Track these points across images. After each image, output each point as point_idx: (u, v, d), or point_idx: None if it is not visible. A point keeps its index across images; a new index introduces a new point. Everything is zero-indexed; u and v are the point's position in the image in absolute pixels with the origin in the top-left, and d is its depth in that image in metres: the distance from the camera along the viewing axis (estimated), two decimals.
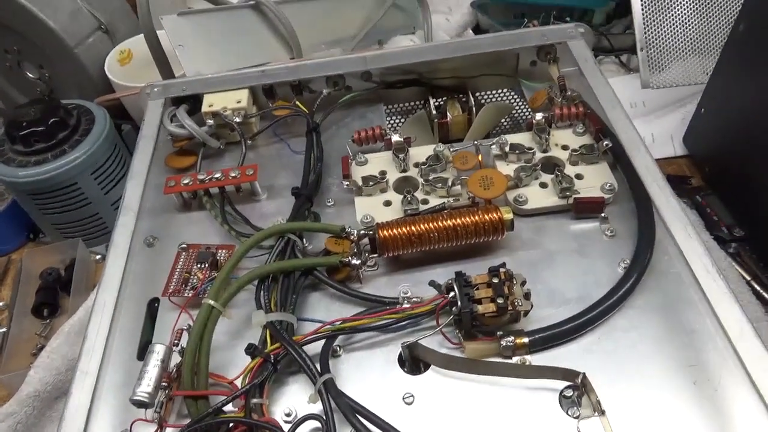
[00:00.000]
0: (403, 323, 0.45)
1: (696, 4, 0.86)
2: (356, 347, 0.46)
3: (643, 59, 0.85)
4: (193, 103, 0.64)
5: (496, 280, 0.43)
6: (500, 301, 0.42)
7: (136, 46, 0.93)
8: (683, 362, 0.41)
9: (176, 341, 0.44)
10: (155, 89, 0.66)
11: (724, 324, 0.41)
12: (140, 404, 0.40)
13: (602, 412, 0.38)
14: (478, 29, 1.07)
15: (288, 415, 0.42)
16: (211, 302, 0.44)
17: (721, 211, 0.77)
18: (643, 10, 0.85)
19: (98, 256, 0.81)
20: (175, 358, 0.43)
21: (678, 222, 0.48)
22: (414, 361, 0.44)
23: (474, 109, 0.66)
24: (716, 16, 0.86)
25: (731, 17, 0.85)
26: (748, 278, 0.70)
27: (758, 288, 0.69)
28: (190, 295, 0.48)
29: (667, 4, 0.86)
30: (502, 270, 0.43)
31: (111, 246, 0.53)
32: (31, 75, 0.95)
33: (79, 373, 0.44)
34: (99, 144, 0.77)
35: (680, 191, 0.81)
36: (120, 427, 0.42)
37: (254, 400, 0.40)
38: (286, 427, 0.40)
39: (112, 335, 0.47)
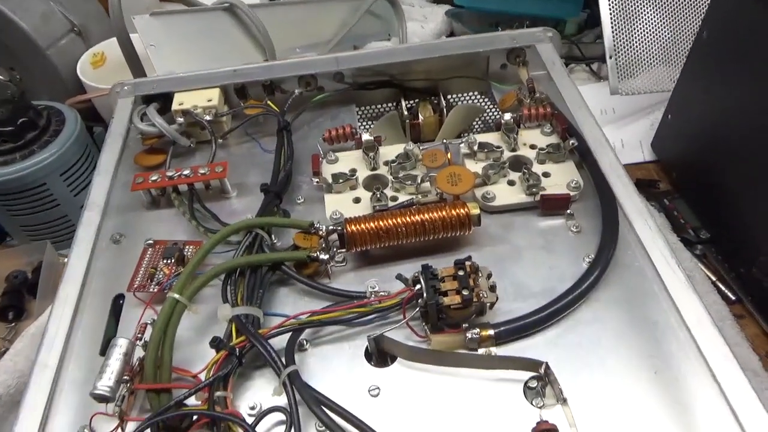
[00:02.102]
0: (370, 317, 0.45)
1: (663, 13, 0.88)
2: (323, 341, 0.45)
3: (611, 67, 0.87)
4: (163, 101, 0.64)
5: (461, 273, 0.43)
6: (465, 292, 0.42)
7: (109, 49, 0.93)
8: (645, 353, 0.42)
9: (140, 335, 0.44)
10: (125, 87, 0.66)
11: (683, 315, 0.42)
12: (101, 398, 0.39)
13: (564, 401, 0.38)
14: (452, 37, 1.09)
15: (252, 408, 0.41)
16: (176, 296, 0.43)
17: (687, 214, 0.78)
18: (611, 19, 0.87)
19: (66, 259, 0.80)
20: (139, 353, 0.43)
21: (640, 217, 0.49)
22: (380, 354, 0.44)
23: (445, 110, 0.66)
24: (682, 25, 0.88)
25: (696, 26, 0.88)
26: (714, 279, 0.71)
27: (723, 288, 0.70)
28: (155, 290, 0.48)
29: (635, 13, 0.88)
30: (467, 263, 0.44)
31: (75, 241, 0.52)
32: (1, 77, 0.93)
33: (39, 367, 0.43)
34: (69, 145, 0.76)
35: (648, 195, 0.82)
36: (81, 422, 0.41)
37: (218, 393, 0.40)
38: (250, 420, 0.40)
39: (74, 330, 0.46)
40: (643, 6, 0.89)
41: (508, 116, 0.57)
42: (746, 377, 0.38)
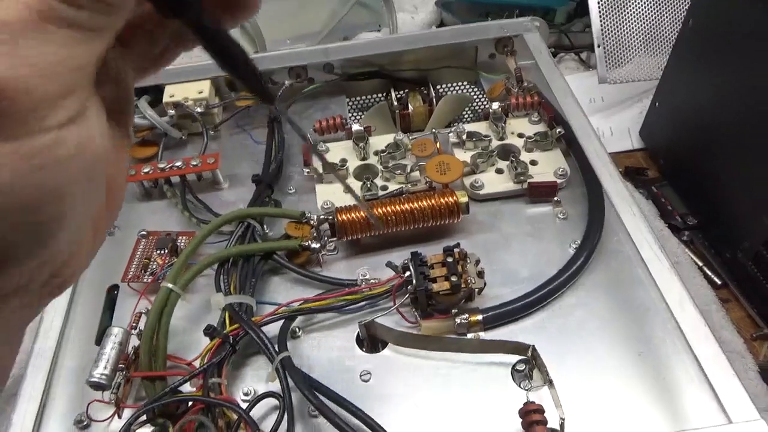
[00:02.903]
0: (361, 304, 0.46)
1: (650, 2, 0.89)
2: (316, 328, 0.46)
3: (600, 55, 0.87)
4: (154, 94, 0.64)
5: (450, 260, 0.44)
6: (454, 279, 0.43)
7: None
8: (629, 335, 0.43)
9: (134, 324, 0.44)
10: None
11: (666, 298, 0.43)
12: (97, 386, 0.40)
13: (550, 383, 0.39)
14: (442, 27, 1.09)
15: (246, 394, 0.42)
16: (170, 285, 0.44)
17: (675, 201, 0.79)
18: (599, 8, 0.88)
19: None
20: (135, 342, 0.43)
21: (624, 204, 0.50)
22: (372, 340, 0.45)
23: (435, 100, 0.67)
24: (669, 14, 0.89)
25: (683, 14, 0.88)
26: (700, 264, 0.72)
27: (709, 273, 0.71)
28: (149, 280, 0.48)
29: (623, 2, 0.89)
30: (456, 249, 0.45)
31: None
32: None
33: (35, 356, 0.44)
34: None
35: (637, 182, 0.83)
36: (78, 410, 0.42)
37: (213, 380, 0.41)
38: (245, 406, 0.41)
39: (69, 320, 0.47)
40: None
41: (496, 105, 0.58)
42: (726, 357, 0.39)
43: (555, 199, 0.53)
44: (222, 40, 0.18)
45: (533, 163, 0.55)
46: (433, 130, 0.58)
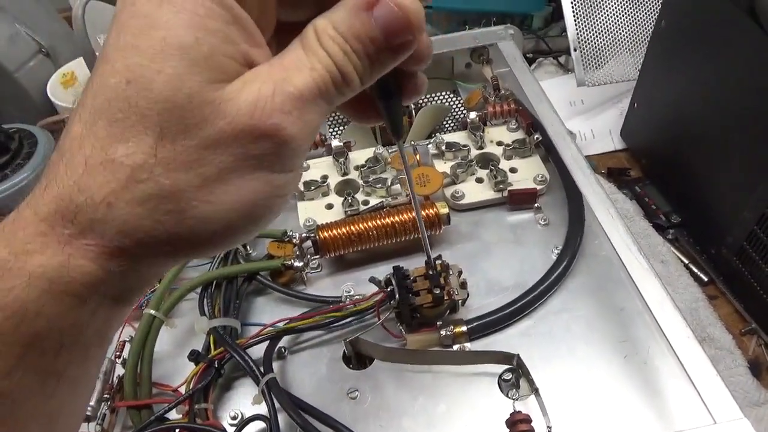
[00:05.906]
0: (347, 321, 0.46)
1: (624, 3, 0.90)
2: (302, 348, 0.46)
3: (576, 59, 0.88)
4: None
5: (432, 272, 0.44)
6: (437, 291, 0.43)
7: (79, 68, 0.92)
8: (614, 339, 0.43)
9: (118, 353, 0.44)
10: None
11: (646, 299, 0.43)
12: None
13: (536, 391, 0.39)
14: None
15: (234, 418, 0.42)
16: (152, 312, 0.44)
17: (658, 200, 0.80)
18: (573, 12, 0.88)
19: None
20: (121, 371, 0.43)
21: (602, 206, 0.50)
22: (358, 357, 0.45)
23: (414, 112, 0.67)
24: (643, 14, 0.90)
25: (656, 14, 0.89)
26: (686, 262, 0.73)
27: (696, 270, 0.72)
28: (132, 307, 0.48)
29: (597, 5, 0.89)
30: (438, 261, 0.45)
31: None
32: None
33: None
34: (42, 168, 0.76)
35: (620, 183, 0.84)
36: None
37: (199, 406, 0.41)
38: (232, 430, 0.40)
39: None
40: None
41: (473, 115, 0.58)
42: (709, 358, 0.39)
43: (536, 205, 0.53)
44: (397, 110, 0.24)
45: (513, 170, 0.55)
46: (412, 142, 0.58)
